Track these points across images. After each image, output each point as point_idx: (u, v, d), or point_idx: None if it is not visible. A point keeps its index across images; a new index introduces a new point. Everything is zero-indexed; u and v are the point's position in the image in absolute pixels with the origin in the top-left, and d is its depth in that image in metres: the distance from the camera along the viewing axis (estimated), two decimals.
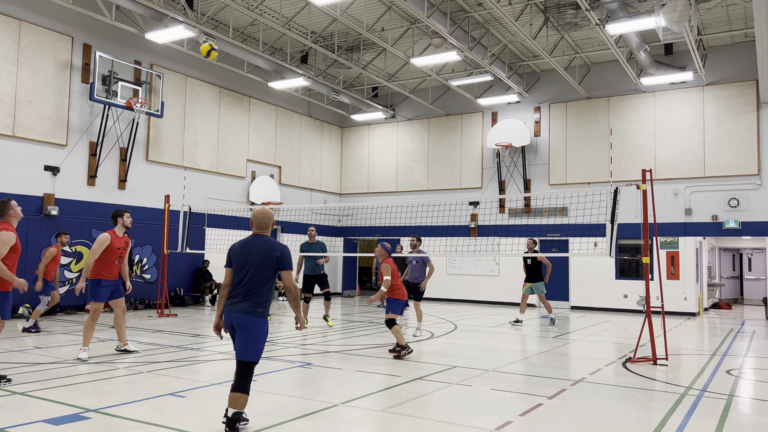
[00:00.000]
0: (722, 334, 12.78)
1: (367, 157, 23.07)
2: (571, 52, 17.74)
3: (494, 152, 20.22)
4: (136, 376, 7.02)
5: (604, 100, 18.87)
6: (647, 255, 8.81)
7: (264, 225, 4.98)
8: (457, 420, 5.40)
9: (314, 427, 5.12)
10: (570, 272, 18.92)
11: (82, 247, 14.54)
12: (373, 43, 17.40)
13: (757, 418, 5.81)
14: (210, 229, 17.19)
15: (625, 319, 15.85)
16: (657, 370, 8.10)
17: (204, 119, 17.87)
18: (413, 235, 11.99)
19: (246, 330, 4.72)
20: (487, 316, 15.98)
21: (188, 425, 5.08)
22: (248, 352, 4.73)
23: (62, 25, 14.35)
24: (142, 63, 16.01)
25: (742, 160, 16.87)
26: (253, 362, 4.76)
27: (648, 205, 8.94)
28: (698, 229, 17.44)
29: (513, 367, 8.25)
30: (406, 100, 22.28)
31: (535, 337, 11.78)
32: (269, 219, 4.99)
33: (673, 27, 12.07)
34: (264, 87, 19.62)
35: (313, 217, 22.09)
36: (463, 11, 15.30)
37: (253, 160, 19.59)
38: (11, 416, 5.21)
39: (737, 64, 17.17)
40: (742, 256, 24.46)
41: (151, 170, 16.32)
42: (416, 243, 11.81)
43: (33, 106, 13.74)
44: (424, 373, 7.60)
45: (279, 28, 14.87)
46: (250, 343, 4.72)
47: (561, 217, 18.97)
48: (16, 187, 13.46)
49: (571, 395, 6.52)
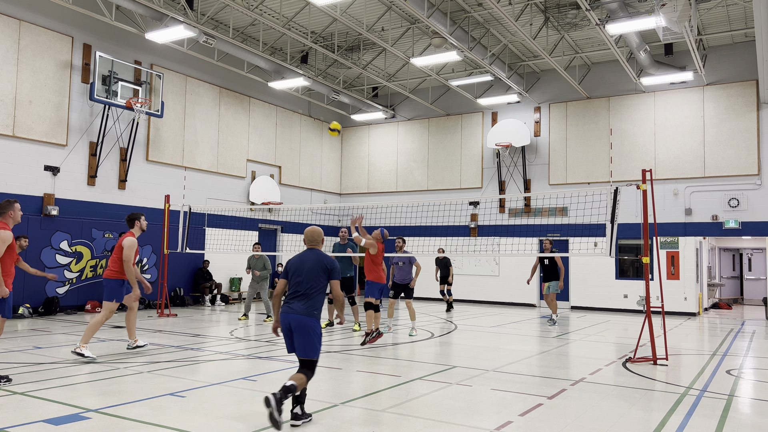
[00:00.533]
0: (722, 334, 12.78)
1: (367, 157, 23.07)
2: (571, 52, 17.74)
3: (494, 152, 20.22)
4: (136, 376, 7.02)
5: (604, 100, 18.87)
6: (647, 255, 8.81)
7: (315, 240, 5.74)
8: (457, 420, 5.40)
9: (314, 427, 5.12)
10: (570, 272, 18.90)
11: (82, 247, 14.54)
12: (373, 43, 17.40)
13: (757, 418, 5.81)
14: (210, 229, 17.19)
15: (625, 319, 15.85)
16: (657, 370, 8.10)
17: (204, 119, 17.87)
18: (398, 237, 12.23)
19: (305, 331, 5.30)
20: (487, 316, 15.98)
21: (188, 425, 5.08)
22: (310, 351, 5.32)
23: (62, 25, 14.35)
24: (142, 63, 16.02)
25: (742, 160, 16.87)
26: (314, 359, 5.34)
27: (648, 205, 8.94)
28: (698, 229, 17.44)
29: (513, 367, 8.25)
30: (406, 100, 22.28)
31: (535, 337, 11.78)
32: (318, 235, 5.77)
33: (673, 27, 12.07)
34: (264, 87, 19.62)
35: (313, 217, 22.09)
36: (463, 11, 15.30)
37: (253, 160, 19.59)
38: (11, 416, 5.21)
39: (737, 64, 17.17)
40: (742, 256, 24.45)
41: (151, 170, 16.32)
42: (401, 244, 11.99)
43: (33, 106, 13.74)
44: (424, 373, 7.60)
45: (279, 28, 14.87)
46: (309, 342, 5.31)
47: (561, 217, 18.96)
48: (16, 187, 13.46)
49: (571, 395, 6.52)
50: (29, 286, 13.45)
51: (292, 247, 20.40)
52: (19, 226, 13.39)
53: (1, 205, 6.72)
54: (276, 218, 20.53)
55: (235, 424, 5.13)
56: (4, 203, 6.75)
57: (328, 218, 22.65)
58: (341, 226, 23.04)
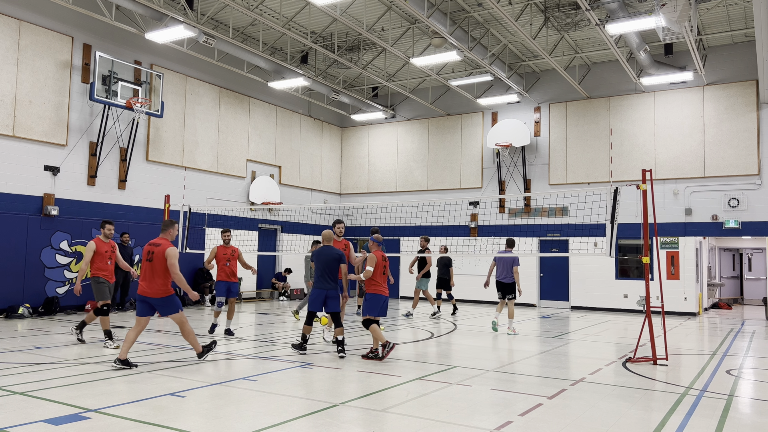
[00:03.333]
0: (722, 334, 12.78)
1: (367, 157, 23.07)
2: (571, 52, 17.74)
3: (494, 152, 20.22)
4: (136, 376, 7.02)
5: (604, 100, 18.87)
6: (647, 255, 8.81)
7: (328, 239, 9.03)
8: (457, 420, 5.39)
9: (314, 427, 5.12)
10: (570, 272, 18.92)
11: (82, 247, 14.53)
12: (373, 43, 17.39)
13: (757, 418, 5.81)
14: (210, 229, 17.17)
15: (625, 319, 15.85)
16: (657, 370, 8.10)
17: (204, 119, 17.87)
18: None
19: (335, 297, 8.73)
20: (487, 316, 15.97)
21: (188, 425, 5.08)
22: (335, 307, 8.78)
23: (62, 25, 14.35)
24: (142, 63, 16.01)
25: (742, 160, 16.87)
26: (338, 312, 8.85)
27: (648, 205, 8.94)
28: (698, 229, 17.44)
29: (513, 367, 8.25)
30: (406, 100, 22.28)
31: (535, 337, 11.78)
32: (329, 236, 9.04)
33: (673, 27, 12.07)
34: (264, 87, 19.62)
35: (313, 217, 22.09)
36: (463, 11, 15.29)
37: (253, 160, 19.59)
38: (11, 416, 5.21)
39: (737, 64, 17.16)
40: (742, 256, 24.45)
41: (151, 170, 16.32)
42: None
43: (33, 106, 13.74)
44: (424, 373, 7.60)
45: (279, 28, 14.87)
46: (336, 302, 8.76)
47: (561, 217, 18.97)
48: (16, 187, 13.46)
49: (571, 395, 6.52)
50: (29, 286, 13.45)
51: (292, 247, 20.40)
52: (19, 226, 13.40)
53: (165, 223, 7.95)
54: (276, 218, 20.53)
55: (235, 424, 5.13)
56: (167, 222, 7.96)
57: (328, 218, 22.65)
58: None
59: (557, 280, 19.11)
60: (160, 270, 7.54)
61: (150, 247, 7.69)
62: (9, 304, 13.03)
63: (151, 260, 7.56)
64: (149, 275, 7.56)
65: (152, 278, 7.54)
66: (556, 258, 19.13)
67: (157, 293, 7.54)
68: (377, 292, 8.61)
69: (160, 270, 7.54)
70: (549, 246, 19.14)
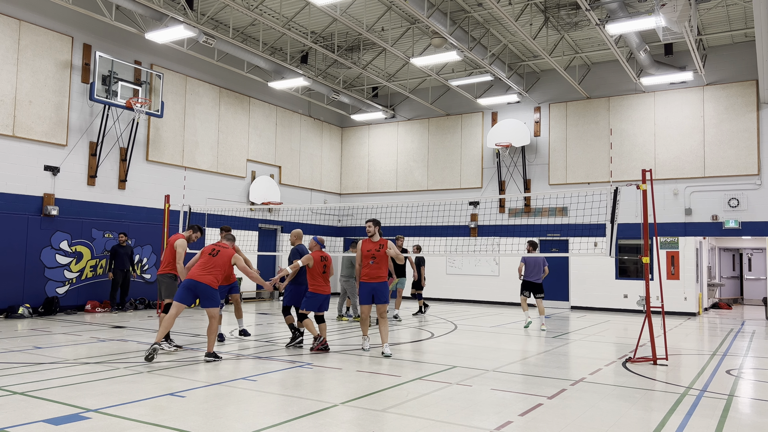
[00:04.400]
0: (722, 334, 12.78)
1: (367, 157, 23.07)
2: (571, 52, 17.74)
3: (494, 152, 20.22)
4: (136, 376, 7.02)
5: (604, 100, 18.87)
6: (647, 255, 8.81)
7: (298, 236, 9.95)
8: (457, 420, 5.39)
9: (314, 427, 5.12)
10: (570, 272, 18.92)
11: (82, 247, 14.54)
12: (373, 43, 17.39)
13: (757, 418, 5.81)
14: (210, 229, 17.16)
15: (625, 319, 15.85)
16: (657, 370, 8.10)
17: (204, 119, 17.87)
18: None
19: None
20: (487, 316, 15.98)
21: (188, 425, 5.08)
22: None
23: (62, 25, 14.35)
24: (142, 63, 16.01)
25: (742, 160, 16.87)
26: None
27: (648, 205, 8.94)
28: (698, 229, 17.44)
29: (513, 367, 8.26)
30: (406, 100, 22.28)
31: (535, 337, 11.77)
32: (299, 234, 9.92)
33: (673, 27, 12.07)
34: (264, 87, 19.62)
35: (313, 217, 22.09)
36: (463, 11, 15.29)
37: (253, 160, 19.58)
38: (11, 416, 5.20)
39: (737, 64, 17.17)
40: (742, 256, 24.45)
41: (151, 170, 16.32)
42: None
43: (33, 106, 13.74)
44: (424, 373, 7.60)
45: (279, 28, 14.87)
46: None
47: (561, 217, 18.97)
48: (16, 187, 13.46)
49: (571, 395, 6.52)
50: (29, 286, 13.45)
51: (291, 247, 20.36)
52: (20, 226, 13.40)
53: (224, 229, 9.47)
54: (276, 218, 20.53)
55: (235, 424, 5.13)
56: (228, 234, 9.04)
57: (327, 218, 22.65)
58: (341, 226, 23.08)
59: (557, 280, 19.10)
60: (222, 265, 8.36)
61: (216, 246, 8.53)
62: (9, 304, 13.03)
63: (214, 255, 8.35)
64: (210, 266, 8.27)
65: (212, 269, 8.26)
66: (556, 258, 19.11)
67: (212, 283, 8.19)
68: (317, 291, 9.14)
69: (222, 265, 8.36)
70: (549, 246, 19.13)
